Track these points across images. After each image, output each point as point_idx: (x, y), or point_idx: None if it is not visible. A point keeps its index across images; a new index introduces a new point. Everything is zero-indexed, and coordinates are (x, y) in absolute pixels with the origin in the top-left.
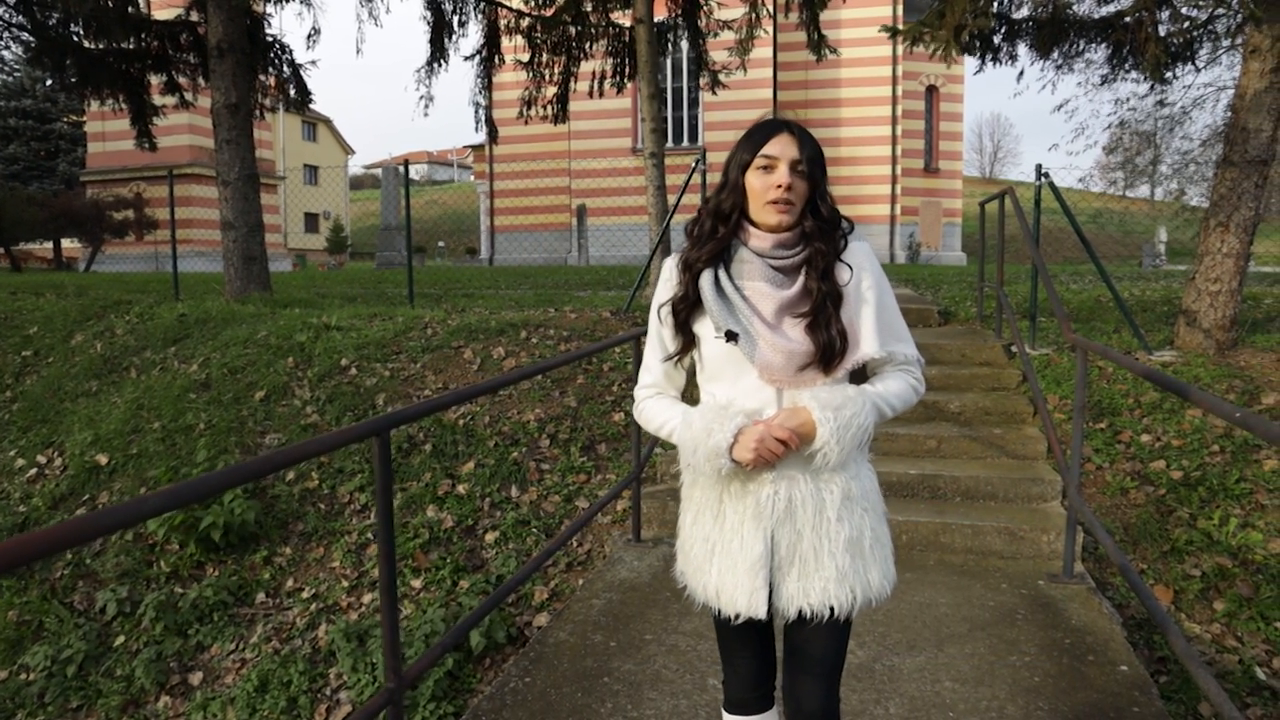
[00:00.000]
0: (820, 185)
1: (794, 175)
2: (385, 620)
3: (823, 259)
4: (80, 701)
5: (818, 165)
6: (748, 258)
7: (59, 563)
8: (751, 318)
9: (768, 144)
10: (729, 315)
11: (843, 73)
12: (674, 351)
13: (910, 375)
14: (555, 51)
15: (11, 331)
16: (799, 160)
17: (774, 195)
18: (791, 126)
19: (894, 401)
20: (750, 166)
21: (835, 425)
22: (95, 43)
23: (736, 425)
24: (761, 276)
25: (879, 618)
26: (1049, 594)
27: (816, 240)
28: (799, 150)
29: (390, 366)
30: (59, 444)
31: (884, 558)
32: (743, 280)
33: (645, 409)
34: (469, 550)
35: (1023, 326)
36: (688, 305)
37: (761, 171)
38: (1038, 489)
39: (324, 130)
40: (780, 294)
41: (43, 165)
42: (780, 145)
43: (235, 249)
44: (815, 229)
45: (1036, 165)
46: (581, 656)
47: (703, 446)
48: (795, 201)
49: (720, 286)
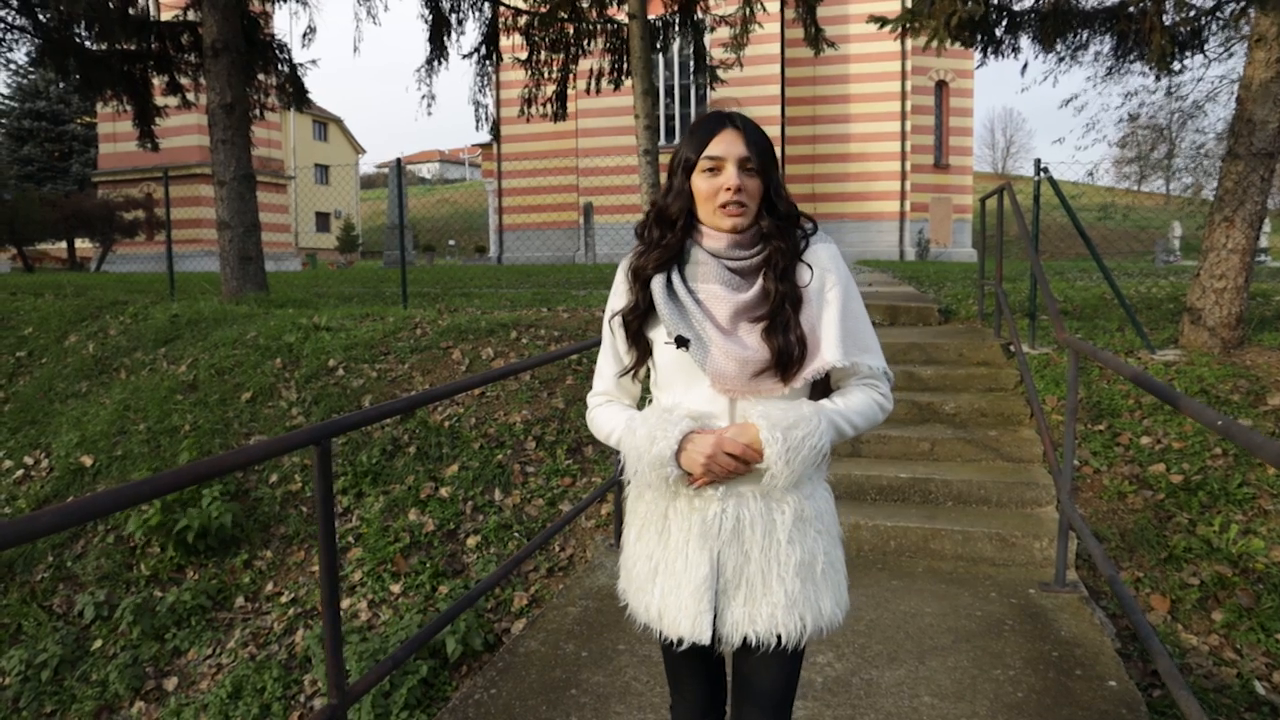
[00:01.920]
0: (773, 180)
1: (743, 174)
2: (327, 634)
3: (782, 259)
4: (54, 706)
5: (768, 158)
6: (702, 259)
7: (39, 565)
8: (704, 322)
9: (711, 143)
10: (680, 320)
11: (851, 68)
12: (628, 365)
13: (876, 390)
14: (554, 49)
15: (7, 332)
16: (747, 158)
17: (723, 198)
18: (735, 119)
19: (855, 419)
20: (696, 168)
21: (784, 446)
22: (98, 44)
23: (682, 430)
24: (716, 279)
25: (860, 628)
26: (1039, 603)
27: (775, 239)
28: (746, 146)
29: (378, 367)
30: (46, 445)
31: (837, 583)
32: (696, 283)
33: (595, 417)
34: (450, 555)
35: (1023, 325)
36: (639, 315)
37: (708, 174)
38: (1032, 493)
39: (335, 130)
40: (736, 297)
41: (56, 166)
42: (725, 143)
43: (231, 249)
44: (773, 227)
45: (1035, 160)
46: (551, 667)
47: (646, 454)
48: (747, 202)
49: (673, 289)
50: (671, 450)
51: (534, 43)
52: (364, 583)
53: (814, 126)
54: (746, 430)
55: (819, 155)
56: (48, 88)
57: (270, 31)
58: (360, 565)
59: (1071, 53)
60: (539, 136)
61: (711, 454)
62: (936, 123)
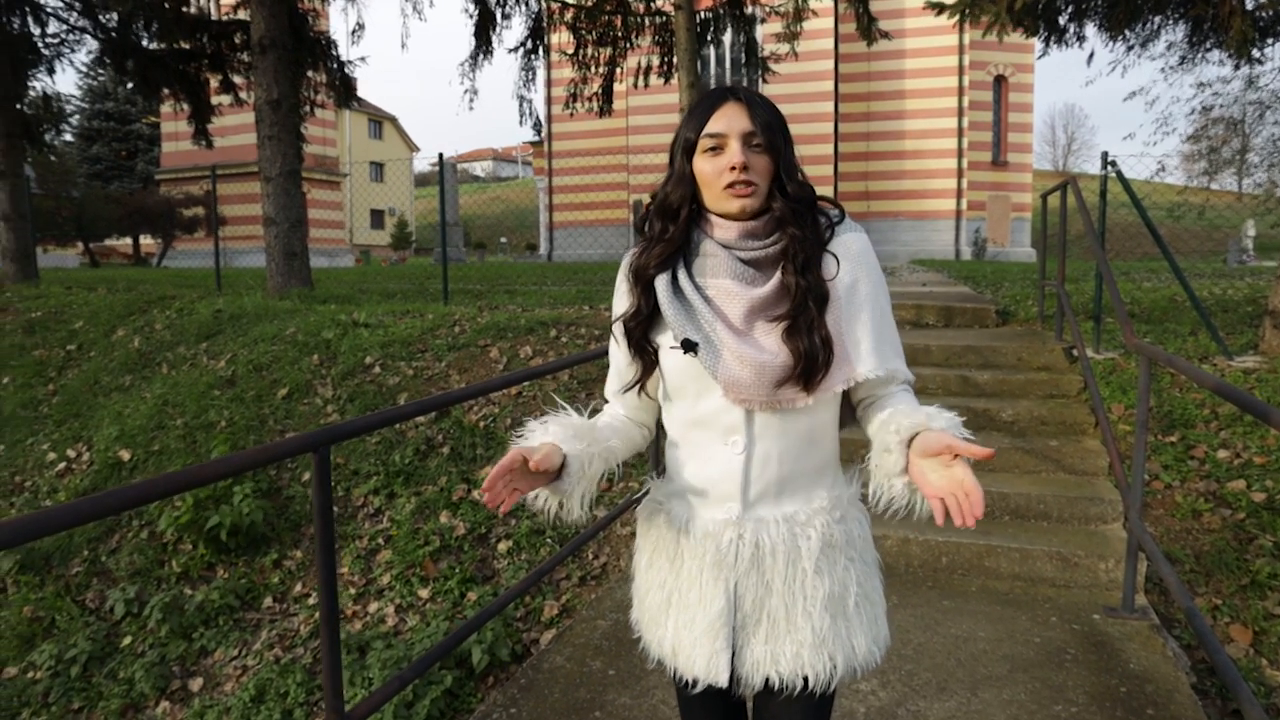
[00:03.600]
0: (785, 157)
1: (749, 151)
2: (326, 656)
3: (803, 249)
4: (82, 703)
5: (778, 133)
6: (711, 250)
7: (75, 558)
8: (715, 322)
9: (711, 119)
10: (687, 320)
11: (907, 63)
12: (632, 379)
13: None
14: (600, 43)
15: (60, 325)
16: (752, 132)
17: (728, 179)
18: (738, 92)
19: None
20: (696, 149)
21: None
22: (155, 43)
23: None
24: (728, 273)
25: (908, 653)
26: (1105, 631)
27: (791, 225)
28: (750, 119)
29: (414, 365)
30: (88, 438)
31: (873, 618)
32: (705, 278)
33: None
34: (480, 560)
35: (1087, 328)
36: (642, 320)
37: (710, 154)
38: (1097, 509)
39: (390, 128)
40: (750, 292)
41: (123, 165)
42: (726, 118)
43: (277, 244)
44: (788, 211)
45: (1103, 154)
46: (576, 685)
47: None
48: (757, 181)
49: (679, 287)
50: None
51: (580, 37)
52: (392, 586)
53: (868, 123)
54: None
55: (873, 152)
56: (115, 89)
57: (321, 29)
58: (389, 568)
59: (1142, 41)
60: (589, 134)
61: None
62: (995, 119)
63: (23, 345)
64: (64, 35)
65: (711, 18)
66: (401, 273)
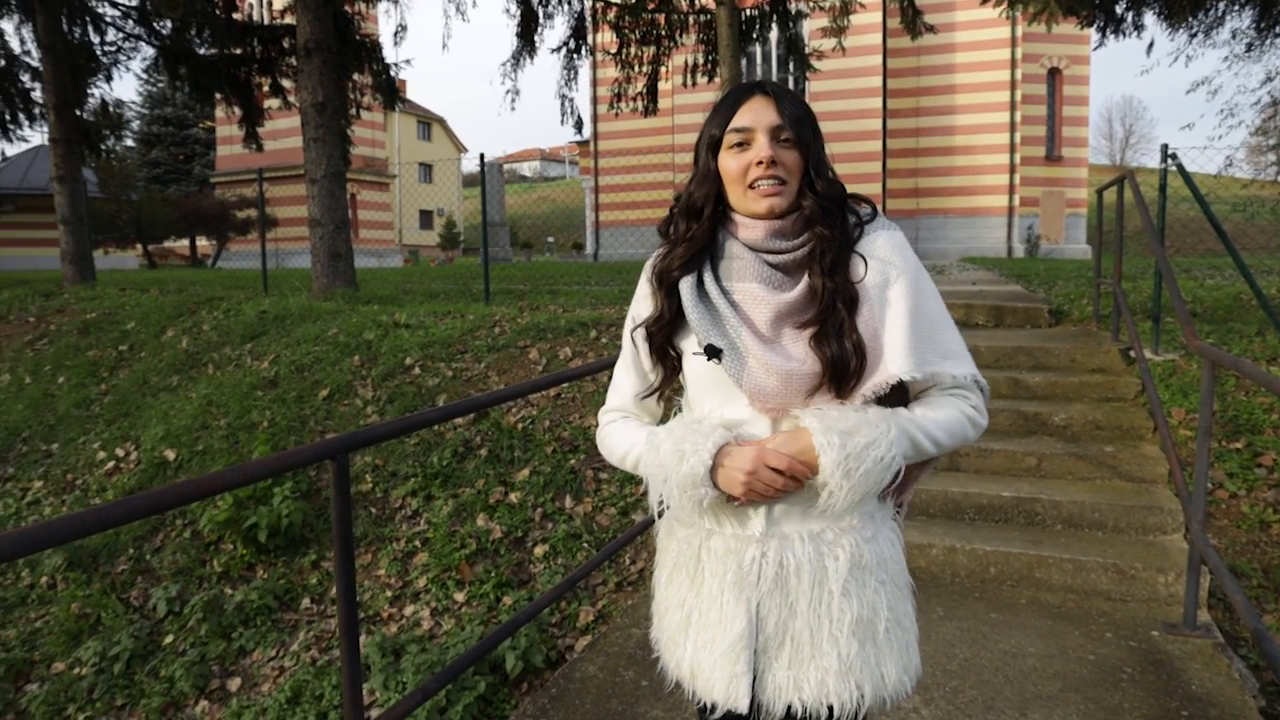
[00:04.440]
0: (814, 152)
1: (777, 146)
2: (345, 667)
3: (829, 249)
4: (125, 700)
5: (807, 127)
6: (737, 253)
7: (121, 556)
8: (740, 328)
9: (738, 113)
10: (712, 325)
11: (957, 57)
12: (653, 384)
13: (965, 402)
14: (643, 42)
15: (113, 326)
16: (780, 125)
17: (755, 175)
18: (765, 86)
19: (937, 433)
20: (722, 145)
21: (843, 454)
22: (207, 49)
23: (716, 442)
24: (754, 276)
25: (953, 668)
26: (1164, 649)
27: (820, 224)
28: (778, 113)
29: (454, 366)
30: (136, 438)
31: (904, 645)
32: (731, 281)
33: (607, 435)
34: (516, 564)
35: (1145, 328)
36: (665, 325)
37: (736, 150)
38: (1155, 519)
39: (438, 130)
40: (778, 297)
41: (180, 168)
42: (753, 112)
43: (321, 245)
44: (817, 209)
45: (1162, 146)
46: (607, 696)
47: (674, 473)
48: (785, 178)
49: (704, 290)
50: (705, 467)
51: (624, 36)
52: (428, 589)
53: (917, 119)
54: (797, 438)
55: (922, 149)
56: (173, 95)
57: (367, 32)
58: (425, 571)
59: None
60: (635, 133)
61: (753, 470)
62: (1049, 112)
63: (78, 346)
64: (120, 43)
65: (756, 15)
66: (447, 273)
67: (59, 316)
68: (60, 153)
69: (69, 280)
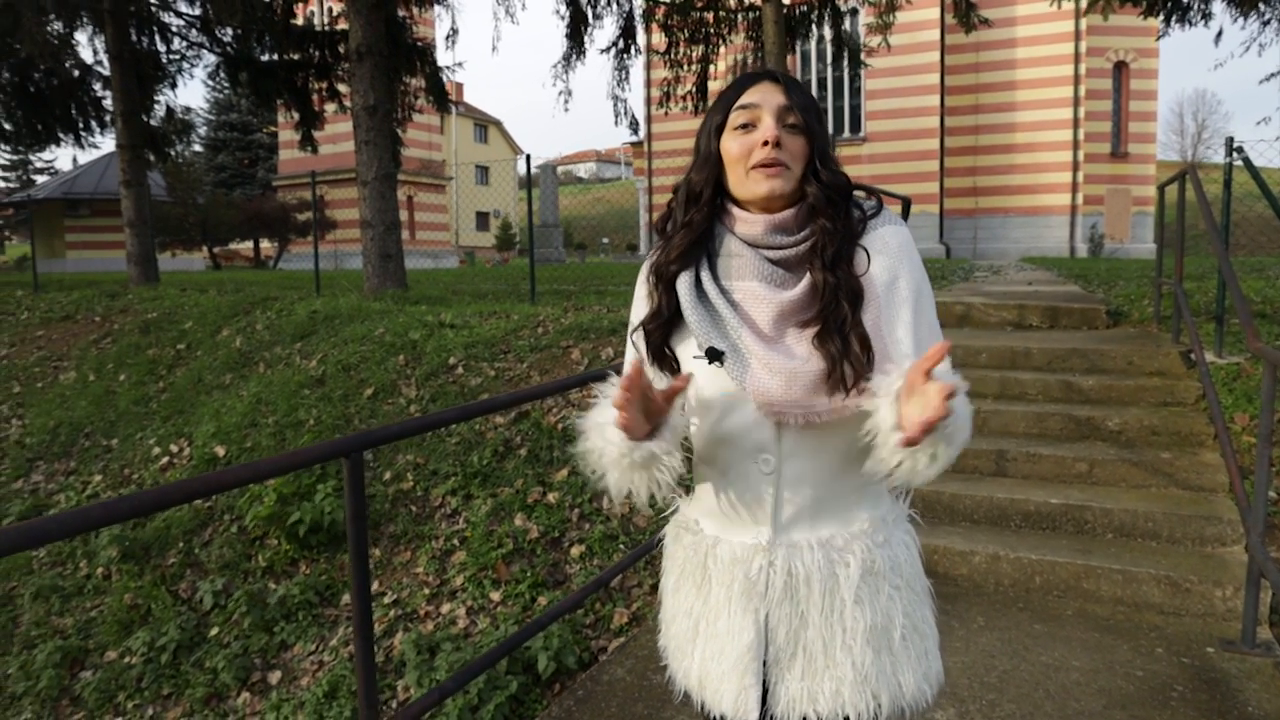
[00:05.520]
0: (820, 141)
1: (783, 129)
2: (359, 665)
3: (831, 241)
4: (171, 690)
5: (813, 115)
6: (737, 250)
7: (171, 549)
8: (741, 329)
9: (744, 95)
10: (711, 327)
11: (1018, 52)
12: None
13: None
14: (692, 41)
15: (172, 325)
16: (788, 107)
17: (760, 156)
18: (774, 74)
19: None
20: (726, 128)
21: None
22: (267, 55)
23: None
24: (754, 274)
25: (992, 680)
26: (1219, 667)
27: (823, 216)
28: (786, 96)
29: (497, 366)
30: (189, 434)
31: (923, 652)
32: (730, 280)
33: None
34: (552, 564)
35: (1208, 330)
36: (663, 324)
37: (740, 131)
38: (1213, 529)
39: (495, 132)
40: (780, 296)
41: (245, 173)
42: (761, 93)
43: (372, 246)
44: (821, 199)
45: (1227, 140)
46: (634, 700)
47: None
48: (789, 162)
49: (702, 290)
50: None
51: (672, 35)
52: (465, 588)
53: (976, 116)
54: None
55: (981, 147)
56: (238, 101)
57: (420, 35)
58: (462, 570)
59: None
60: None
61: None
62: (1114, 107)
63: (138, 344)
64: (184, 52)
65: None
66: (500, 273)
67: (122, 316)
68: (126, 158)
69: (134, 281)
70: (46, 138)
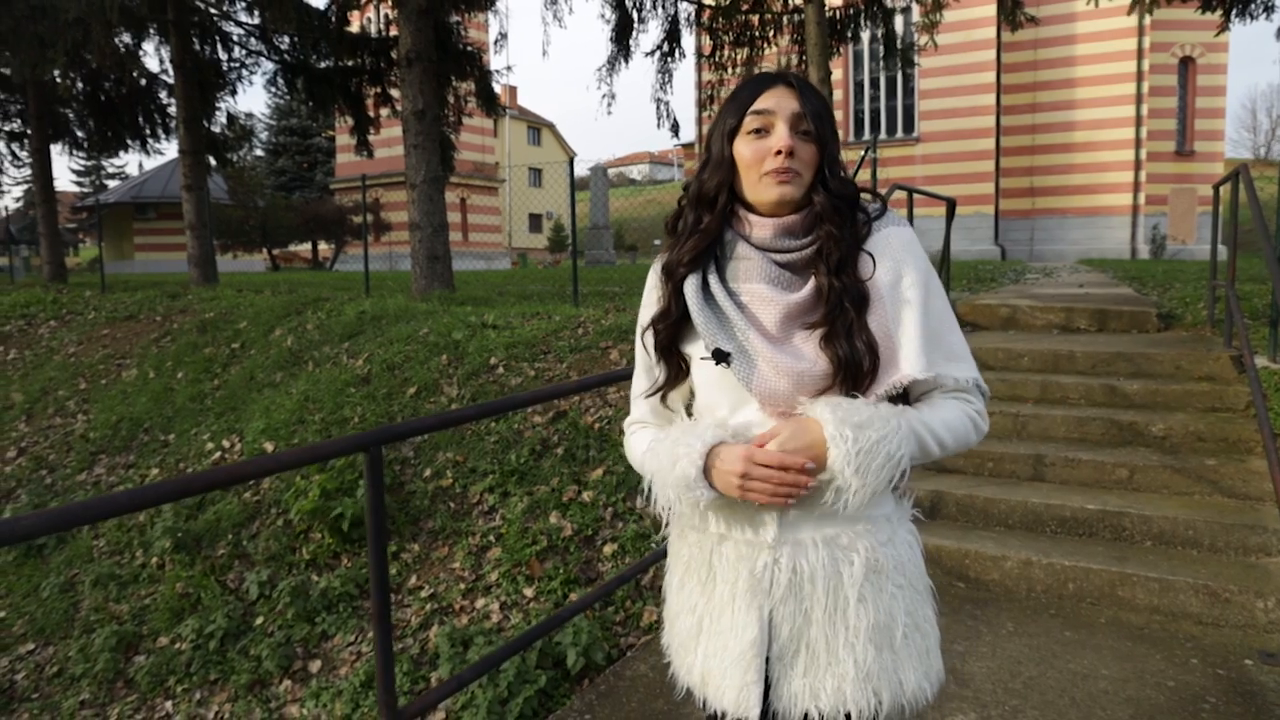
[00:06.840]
0: (831, 150)
1: (796, 137)
2: (379, 655)
3: (836, 247)
4: (217, 675)
5: (825, 123)
6: (744, 253)
7: (221, 541)
8: (748, 331)
9: (758, 99)
10: (718, 328)
11: (1078, 49)
12: (661, 383)
13: (969, 406)
14: (737, 43)
15: (227, 325)
16: (801, 115)
17: (772, 164)
18: (788, 78)
19: (943, 434)
20: (739, 132)
21: (855, 449)
22: (323, 62)
23: (706, 442)
24: (762, 277)
25: (1016, 686)
26: (1258, 680)
27: (829, 223)
28: (800, 103)
29: (536, 366)
30: (241, 431)
31: (924, 651)
32: (738, 283)
33: (628, 448)
34: (584, 562)
35: (1262, 334)
36: (671, 324)
37: (753, 136)
38: (1257, 539)
39: (548, 134)
40: (786, 298)
41: (304, 176)
42: (775, 98)
43: (421, 248)
44: (828, 206)
45: None
46: (654, 696)
47: (669, 478)
48: (801, 170)
49: (709, 292)
50: (696, 468)
51: (717, 38)
52: (499, 584)
53: (1033, 115)
54: (806, 429)
55: (1039, 146)
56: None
57: (472, 39)
58: (497, 566)
59: None
60: None
61: (744, 470)
62: (1180, 104)
63: (195, 343)
64: (243, 60)
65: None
66: (550, 275)
67: (181, 316)
68: (188, 163)
69: (194, 282)
70: (116, 144)
